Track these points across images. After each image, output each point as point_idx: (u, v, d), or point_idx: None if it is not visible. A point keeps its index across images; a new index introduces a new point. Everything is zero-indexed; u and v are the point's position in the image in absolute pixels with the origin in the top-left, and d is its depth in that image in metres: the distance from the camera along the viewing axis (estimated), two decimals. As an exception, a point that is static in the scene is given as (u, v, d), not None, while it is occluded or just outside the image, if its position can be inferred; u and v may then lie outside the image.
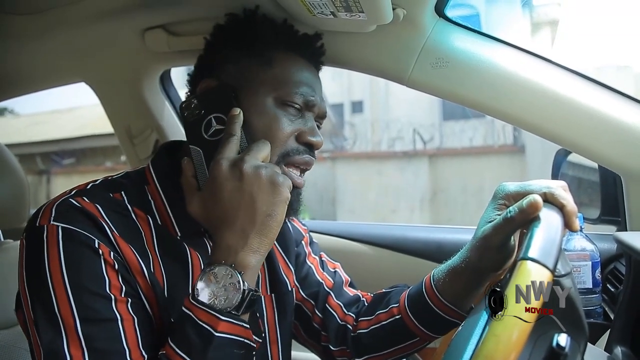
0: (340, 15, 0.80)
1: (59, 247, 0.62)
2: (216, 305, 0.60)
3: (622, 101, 0.90)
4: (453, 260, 0.79)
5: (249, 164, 0.64)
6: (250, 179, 0.63)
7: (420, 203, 8.37)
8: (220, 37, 0.82)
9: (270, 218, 0.64)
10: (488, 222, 0.70)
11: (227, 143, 0.68)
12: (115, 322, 0.62)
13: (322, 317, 0.92)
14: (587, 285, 0.94)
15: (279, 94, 0.75)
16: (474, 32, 0.94)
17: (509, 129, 8.25)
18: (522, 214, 0.64)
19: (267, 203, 0.64)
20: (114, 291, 0.63)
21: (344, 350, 0.91)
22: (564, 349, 0.50)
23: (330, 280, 0.95)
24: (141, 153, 1.37)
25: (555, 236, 0.57)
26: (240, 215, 0.63)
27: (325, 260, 0.99)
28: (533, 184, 0.68)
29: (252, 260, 0.63)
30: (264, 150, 0.68)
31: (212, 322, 0.60)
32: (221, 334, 0.60)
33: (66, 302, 0.60)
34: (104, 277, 0.63)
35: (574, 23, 8.86)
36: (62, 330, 0.60)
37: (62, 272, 0.61)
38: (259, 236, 0.64)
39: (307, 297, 0.93)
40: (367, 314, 0.91)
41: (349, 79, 10.83)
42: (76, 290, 0.61)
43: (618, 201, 0.99)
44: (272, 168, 0.66)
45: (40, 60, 1.25)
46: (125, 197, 0.72)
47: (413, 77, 0.93)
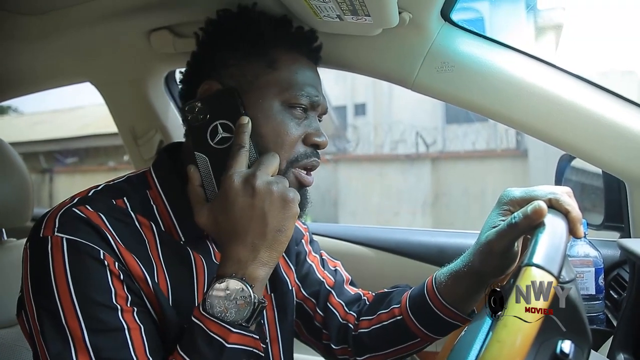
0: (347, 18, 0.80)
1: (64, 258, 0.62)
2: (227, 318, 0.61)
3: (626, 107, 0.90)
4: (455, 263, 0.79)
5: (261, 180, 0.65)
6: (262, 195, 0.64)
7: (423, 206, 8.36)
8: (217, 35, 0.80)
9: (281, 233, 0.65)
10: (492, 228, 0.70)
11: (236, 155, 0.68)
12: (122, 332, 0.62)
13: (323, 316, 0.92)
14: (590, 291, 0.93)
15: (286, 97, 0.75)
16: (480, 37, 0.94)
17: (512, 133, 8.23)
18: (526, 220, 0.63)
19: (278, 218, 0.65)
20: (120, 301, 0.64)
21: (345, 349, 0.91)
22: (567, 355, 0.50)
23: (331, 279, 0.96)
24: (145, 153, 1.37)
25: (559, 242, 0.57)
26: (251, 230, 0.64)
27: (325, 259, 1.00)
28: (538, 190, 0.67)
29: (261, 273, 0.64)
30: (274, 164, 0.69)
31: (223, 334, 0.61)
32: (232, 345, 0.61)
33: (73, 313, 0.61)
34: (110, 287, 0.63)
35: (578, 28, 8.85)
36: (70, 341, 0.60)
37: (69, 283, 0.61)
38: (269, 250, 0.65)
39: (309, 296, 0.94)
40: (368, 314, 0.91)
41: (352, 82, 10.83)
42: (83, 301, 0.61)
43: (622, 207, 0.98)
44: (282, 183, 0.67)
45: (46, 60, 1.25)
46: (128, 203, 0.71)
47: (418, 81, 0.93)
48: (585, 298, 0.94)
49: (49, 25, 1.09)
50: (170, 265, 0.71)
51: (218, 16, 0.81)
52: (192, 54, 0.83)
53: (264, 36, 0.77)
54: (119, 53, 1.19)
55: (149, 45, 1.09)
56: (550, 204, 0.64)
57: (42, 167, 10.06)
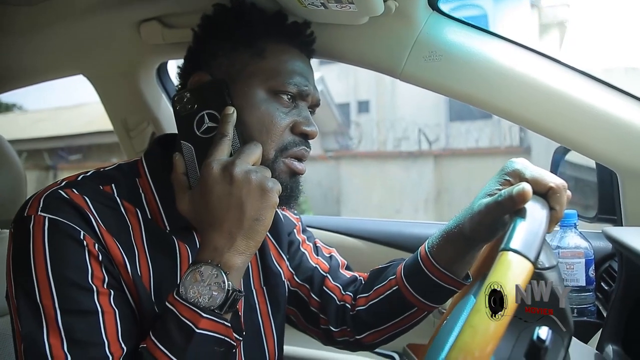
0: (331, 6, 0.79)
1: (44, 237, 0.62)
2: (200, 303, 0.61)
3: (617, 97, 0.89)
4: (448, 224, 0.79)
5: (240, 168, 0.65)
6: (240, 183, 0.64)
7: (425, 203, 8.34)
8: (209, 28, 0.81)
9: (258, 222, 0.64)
10: (487, 195, 0.70)
11: (218, 144, 0.68)
12: (96, 315, 0.62)
13: (319, 301, 0.92)
14: (581, 283, 0.93)
15: (272, 84, 0.75)
16: (468, 26, 0.93)
17: (515, 130, 8.20)
18: (509, 201, 0.63)
19: (255, 208, 0.64)
20: (97, 282, 0.64)
21: (344, 330, 0.91)
22: (544, 342, 0.49)
23: (325, 264, 0.95)
24: (138, 146, 1.38)
25: (538, 229, 0.56)
26: (228, 218, 0.64)
27: (320, 246, 1.00)
28: (539, 174, 0.66)
29: (237, 261, 0.64)
30: (255, 153, 0.68)
31: (193, 319, 0.60)
32: (202, 331, 0.60)
33: (48, 292, 0.61)
34: (87, 268, 0.63)
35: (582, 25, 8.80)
36: (42, 319, 0.61)
37: (46, 262, 0.62)
38: (246, 239, 0.64)
39: (302, 282, 0.93)
40: (365, 291, 0.91)
41: (356, 79, 10.83)
42: (58, 280, 0.62)
43: (615, 200, 0.97)
44: (262, 173, 0.66)
45: (38, 52, 1.25)
46: (115, 190, 0.72)
47: (406, 70, 0.92)
48: (576, 289, 0.93)
49: (40, 17, 1.09)
50: (154, 253, 0.71)
51: (213, 11, 0.82)
52: (188, 48, 0.83)
53: (254, 27, 0.78)
54: (110, 45, 1.19)
55: (139, 37, 1.10)
56: (546, 192, 0.64)
57: (46, 164, 10.11)
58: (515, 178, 0.68)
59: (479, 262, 0.79)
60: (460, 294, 0.80)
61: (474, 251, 0.77)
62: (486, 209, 0.68)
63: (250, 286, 0.85)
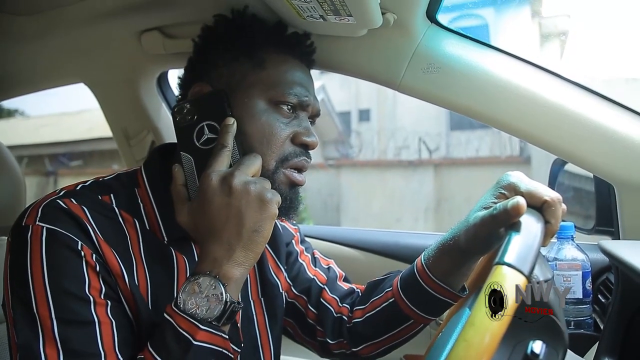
0: (330, 18, 0.80)
1: (42, 247, 0.62)
2: (197, 315, 0.61)
3: (614, 110, 0.90)
4: (444, 237, 0.79)
5: (239, 179, 0.65)
6: (239, 194, 0.64)
7: (425, 212, 8.33)
8: (209, 39, 0.82)
9: (257, 234, 0.64)
10: (483, 208, 0.70)
11: (218, 155, 0.68)
12: (93, 325, 0.62)
13: (316, 313, 0.92)
14: (578, 295, 0.93)
15: (272, 94, 0.75)
16: (466, 38, 0.94)
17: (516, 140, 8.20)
18: (504, 214, 0.63)
19: (254, 219, 0.64)
20: (94, 292, 0.64)
21: (341, 342, 0.90)
22: (537, 356, 0.49)
23: (323, 276, 0.95)
24: (137, 154, 1.38)
25: (533, 243, 0.56)
26: (227, 229, 0.64)
27: (318, 257, 0.99)
28: (534, 187, 0.66)
29: (236, 273, 0.64)
30: (255, 165, 0.69)
31: (191, 331, 0.60)
32: (199, 343, 0.60)
33: (45, 302, 0.61)
34: (84, 278, 0.63)
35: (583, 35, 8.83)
36: (39, 329, 0.60)
37: (43, 272, 0.62)
38: (245, 250, 0.64)
39: (299, 294, 0.93)
40: (361, 303, 0.90)
41: (357, 88, 10.84)
42: (55, 290, 0.62)
43: (612, 212, 0.97)
44: (261, 184, 0.66)
45: (39, 60, 1.26)
46: (114, 200, 0.72)
47: (404, 82, 0.93)
48: (573, 302, 0.93)
49: (41, 25, 1.10)
50: (151, 264, 0.71)
51: (214, 22, 0.83)
52: (188, 59, 0.84)
53: (254, 38, 0.78)
54: (111, 54, 1.20)
55: (140, 46, 1.10)
56: (540, 206, 0.64)
57: (47, 170, 10.12)
58: (510, 191, 0.68)
59: (475, 275, 0.79)
60: (457, 306, 0.79)
61: (470, 263, 0.77)
62: (481, 221, 0.68)
63: (248, 297, 0.85)
